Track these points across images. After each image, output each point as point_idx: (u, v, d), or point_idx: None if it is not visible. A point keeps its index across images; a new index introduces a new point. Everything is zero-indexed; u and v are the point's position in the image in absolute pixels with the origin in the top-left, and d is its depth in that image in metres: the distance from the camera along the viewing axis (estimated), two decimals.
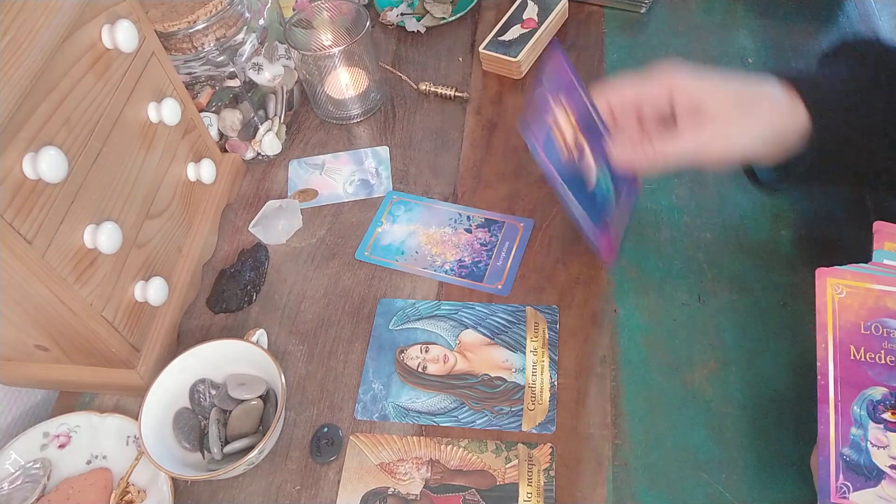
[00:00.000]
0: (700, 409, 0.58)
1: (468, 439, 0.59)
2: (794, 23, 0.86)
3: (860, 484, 0.44)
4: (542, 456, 0.57)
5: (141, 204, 0.62)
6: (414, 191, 0.77)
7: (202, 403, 0.61)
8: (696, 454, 0.55)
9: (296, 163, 0.82)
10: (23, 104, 0.48)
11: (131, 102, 0.61)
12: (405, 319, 0.67)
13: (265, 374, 0.61)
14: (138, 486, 0.59)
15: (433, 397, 0.61)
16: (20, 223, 0.48)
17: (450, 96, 0.84)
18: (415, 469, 0.58)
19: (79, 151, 0.54)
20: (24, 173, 0.48)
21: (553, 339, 0.63)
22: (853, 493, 0.44)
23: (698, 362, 0.60)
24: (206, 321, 0.70)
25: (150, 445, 0.56)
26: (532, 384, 0.61)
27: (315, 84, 0.83)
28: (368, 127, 0.84)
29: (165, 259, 0.67)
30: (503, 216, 0.73)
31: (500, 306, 0.66)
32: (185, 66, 0.74)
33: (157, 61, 0.65)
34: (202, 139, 0.73)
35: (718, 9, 0.89)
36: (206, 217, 0.73)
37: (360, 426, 0.61)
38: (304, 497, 0.57)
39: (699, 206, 0.70)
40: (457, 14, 0.93)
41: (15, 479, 0.59)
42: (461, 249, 0.71)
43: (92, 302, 0.56)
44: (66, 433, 0.62)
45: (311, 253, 0.73)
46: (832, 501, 0.45)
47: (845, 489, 0.45)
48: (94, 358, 0.60)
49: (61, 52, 0.52)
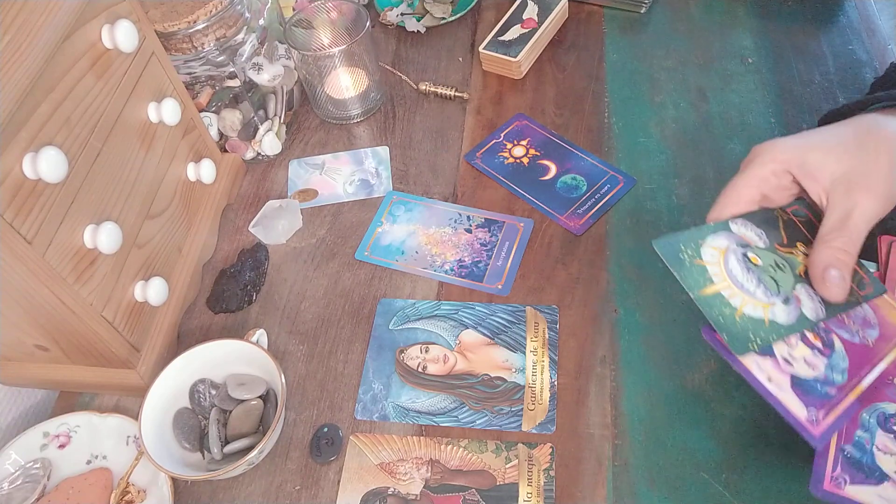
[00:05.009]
0: (700, 409, 0.58)
1: (468, 439, 0.59)
2: (794, 23, 0.86)
3: (859, 479, 0.45)
4: (542, 456, 0.57)
5: (141, 204, 0.62)
6: (414, 191, 0.77)
7: (202, 403, 0.61)
8: (696, 454, 0.55)
9: (296, 163, 0.82)
10: (23, 104, 0.48)
11: (131, 102, 0.61)
12: (405, 319, 0.67)
13: (265, 374, 0.61)
14: (138, 486, 0.59)
15: (433, 397, 0.61)
16: (20, 223, 0.48)
17: (450, 96, 0.84)
18: (415, 469, 0.58)
19: (79, 151, 0.54)
20: (24, 173, 0.48)
21: (553, 339, 0.63)
22: (849, 486, 0.45)
23: (698, 362, 0.60)
24: (206, 321, 0.70)
25: (150, 445, 0.56)
26: (532, 384, 0.61)
27: (315, 84, 0.83)
28: (368, 127, 0.84)
29: (165, 259, 0.67)
30: (503, 216, 0.73)
31: (500, 306, 0.66)
32: (185, 66, 0.74)
33: (157, 61, 0.65)
34: (202, 139, 0.73)
35: (718, 9, 0.89)
36: (206, 217, 0.73)
37: (360, 426, 0.61)
38: (304, 497, 0.57)
39: (699, 206, 0.70)
40: (457, 14, 0.93)
41: (15, 479, 0.59)
42: (461, 249, 0.71)
43: (92, 302, 0.56)
44: (66, 433, 0.62)
45: (311, 253, 0.73)
46: (825, 488, 0.45)
47: (842, 481, 0.45)
48: (94, 358, 0.60)
49: (61, 52, 0.52)
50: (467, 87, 0.86)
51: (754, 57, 0.83)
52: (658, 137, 0.77)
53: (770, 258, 0.49)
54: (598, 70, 0.84)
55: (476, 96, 0.85)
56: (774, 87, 0.79)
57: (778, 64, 0.81)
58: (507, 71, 0.86)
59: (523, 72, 0.85)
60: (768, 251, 0.50)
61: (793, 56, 0.82)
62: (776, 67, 0.81)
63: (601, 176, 0.74)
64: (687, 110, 0.79)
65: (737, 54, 0.83)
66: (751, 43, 0.84)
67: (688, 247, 0.49)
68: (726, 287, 0.48)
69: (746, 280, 0.48)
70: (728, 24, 0.87)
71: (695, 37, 0.86)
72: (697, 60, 0.84)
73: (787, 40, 0.84)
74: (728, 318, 0.46)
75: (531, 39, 0.84)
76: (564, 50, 0.88)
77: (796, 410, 0.46)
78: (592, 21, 0.90)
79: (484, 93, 0.85)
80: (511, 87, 0.85)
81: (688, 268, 0.48)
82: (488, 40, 0.86)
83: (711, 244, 0.49)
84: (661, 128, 0.77)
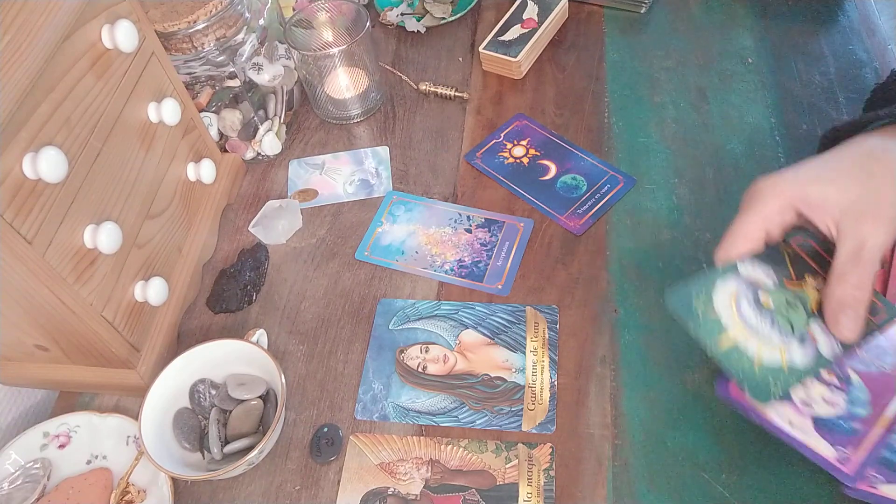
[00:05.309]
0: (700, 409, 0.58)
1: (468, 439, 0.59)
2: (794, 23, 0.86)
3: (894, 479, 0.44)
4: (542, 456, 0.57)
5: (141, 204, 0.62)
6: (414, 191, 0.77)
7: (202, 403, 0.61)
8: (696, 454, 0.55)
9: (296, 163, 0.82)
10: (23, 104, 0.48)
11: (131, 102, 0.61)
12: (405, 319, 0.67)
13: (265, 374, 0.61)
14: (138, 486, 0.59)
15: (433, 397, 0.61)
16: (20, 223, 0.48)
17: (450, 96, 0.85)
18: (415, 469, 0.58)
19: (79, 151, 0.54)
20: (24, 173, 0.48)
21: (553, 339, 0.63)
22: (885, 485, 0.44)
23: (698, 362, 0.60)
24: (206, 321, 0.70)
25: (150, 445, 0.56)
26: (532, 384, 0.61)
27: (315, 84, 0.83)
28: (368, 127, 0.84)
29: (165, 259, 0.67)
30: (503, 216, 0.73)
31: (500, 306, 0.66)
32: (185, 66, 0.74)
33: (157, 61, 0.65)
34: (202, 139, 0.73)
35: (718, 9, 0.89)
36: (206, 217, 0.73)
37: (360, 426, 0.61)
38: (304, 497, 0.57)
39: (699, 206, 0.70)
40: (457, 14, 0.93)
41: (15, 479, 0.59)
42: (461, 249, 0.71)
43: (92, 302, 0.56)
44: (66, 433, 0.62)
45: (311, 253, 0.73)
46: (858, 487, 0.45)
47: (875, 479, 0.45)
48: (94, 358, 0.60)
49: (61, 52, 0.52)
50: (467, 87, 0.86)
51: (754, 57, 0.83)
52: (658, 137, 0.77)
53: (781, 298, 0.49)
54: (598, 70, 0.84)
55: (476, 96, 0.85)
56: (774, 87, 0.79)
57: (778, 64, 0.81)
58: (507, 71, 0.86)
59: (523, 72, 0.85)
60: (779, 290, 0.49)
61: (793, 56, 0.82)
62: (776, 67, 0.81)
63: (601, 176, 0.74)
64: (687, 110, 0.79)
65: (737, 54, 0.83)
66: (751, 43, 0.84)
67: (699, 295, 0.48)
68: (740, 332, 0.47)
69: (760, 324, 0.48)
70: (728, 24, 0.87)
71: (695, 37, 0.86)
72: (697, 60, 0.83)
73: (787, 40, 0.84)
74: (748, 371, 0.46)
75: (531, 39, 0.84)
76: (564, 50, 0.88)
77: (824, 452, 0.45)
78: (592, 21, 0.90)
79: (484, 93, 0.85)
80: (511, 87, 0.85)
81: (701, 322, 0.47)
82: (488, 40, 0.86)
83: (722, 289, 0.48)
84: (661, 128, 0.77)
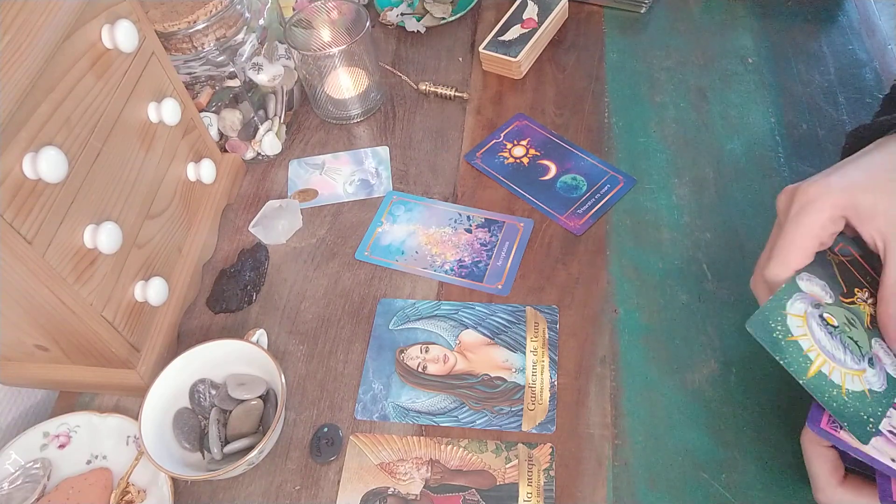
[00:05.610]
0: (700, 409, 0.58)
1: (468, 439, 0.59)
2: (794, 23, 0.86)
3: None
4: (542, 456, 0.57)
5: (141, 204, 0.63)
6: (414, 191, 0.77)
7: (202, 403, 0.61)
8: (696, 454, 0.55)
9: (296, 163, 0.82)
10: (23, 104, 0.48)
11: (131, 102, 0.61)
12: (405, 319, 0.67)
13: (265, 374, 0.61)
14: (138, 486, 0.59)
15: (433, 397, 0.61)
16: (20, 223, 0.48)
17: (450, 96, 0.85)
18: (415, 469, 0.58)
19: (79, 151, 0.54)
20: (24, 173, 0.48)
21: (553, 339, 0.63)
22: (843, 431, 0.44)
23: (698, 362, 0.60)
24: (206, 321, 0.70)
25: (150, 445, 0.56)
26: (532, 384, 0.61)
27: (315, 84, 0.83)
28: (368, 127, 0.84)
29: (165, 259, 0.67)
30: (503, 216, 0.73)
31: (500, 306, 0.66)
32: (185, 66, 0.74)
33: (157, 61, 0.65)
34: (202, 139, 0.73)
35: (718, 9, 0.89)
36: (206, 217, 0.73)
37: (360, 426, 0.61)
38: (304, 497, 0.57)
39: (699, 206, 0.70)
40: (457, 14, 0.93)
41: (15, 479, 0.59)
42: (461, 249, 0.71)
43: (92, 302, 0.56)
44: (66, 433, 0.62)
45: (311, 253, 0.73)
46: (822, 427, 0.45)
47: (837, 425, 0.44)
48: (94, 358, 0.60)
49: (61, 52, 0.52)
50: (467, 87, 0.86)
51: (754, 57, 0.83)
52: (658, 137, 0.77)
53: (842, 315, 0.47)
54: (598, 70, 0.84)
55: (476, 96, 0.85)
56: (774, 87, 0.79)
57: (778, 64, 0.81)
58: (507, 71, 0.86)
59: (523, 72, 0.85)
60: (838, 306, 0.47)
61: (793, 56, 0.82)
62: (776, 67, 0.81)
63: (601, 176, 0.74)
64: (687, 110, 0.79)
65: (737, 54, 0.83)
66: (751, 43, 0.84)
67: (775, 320, 0.46)
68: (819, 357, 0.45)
69: (834, 348, 0.46)
70: (728, 24, 0.87)
71: (695, 37, 0.86)
72: (697, 60, 0.84)
73: (787, 40, 0.84)
74: (837, 399, 0.44)
75: (531, 39, 0.84)
76: (564, 50, 0.88)
77: None
78: (592, 21, 0.90)
79: (484, 93, 0.85)
80: (511, 87, 0.85)
81: (785, 348, 0.45)
82: (488, 40, 0.86)
83: (792, 311, 0.46)
84: (661, 128, 0.77)
